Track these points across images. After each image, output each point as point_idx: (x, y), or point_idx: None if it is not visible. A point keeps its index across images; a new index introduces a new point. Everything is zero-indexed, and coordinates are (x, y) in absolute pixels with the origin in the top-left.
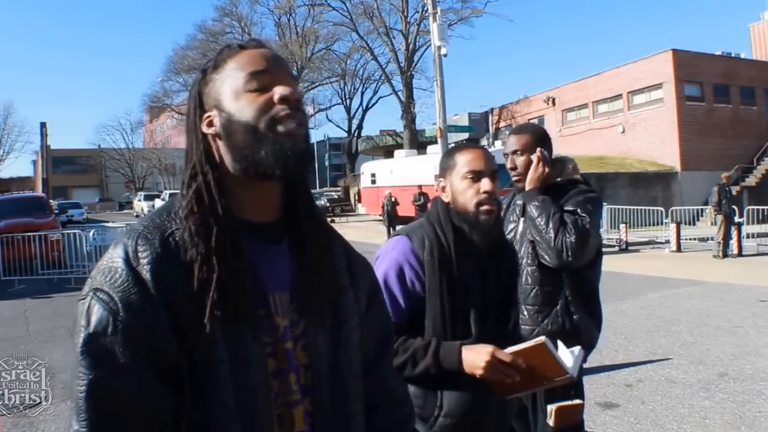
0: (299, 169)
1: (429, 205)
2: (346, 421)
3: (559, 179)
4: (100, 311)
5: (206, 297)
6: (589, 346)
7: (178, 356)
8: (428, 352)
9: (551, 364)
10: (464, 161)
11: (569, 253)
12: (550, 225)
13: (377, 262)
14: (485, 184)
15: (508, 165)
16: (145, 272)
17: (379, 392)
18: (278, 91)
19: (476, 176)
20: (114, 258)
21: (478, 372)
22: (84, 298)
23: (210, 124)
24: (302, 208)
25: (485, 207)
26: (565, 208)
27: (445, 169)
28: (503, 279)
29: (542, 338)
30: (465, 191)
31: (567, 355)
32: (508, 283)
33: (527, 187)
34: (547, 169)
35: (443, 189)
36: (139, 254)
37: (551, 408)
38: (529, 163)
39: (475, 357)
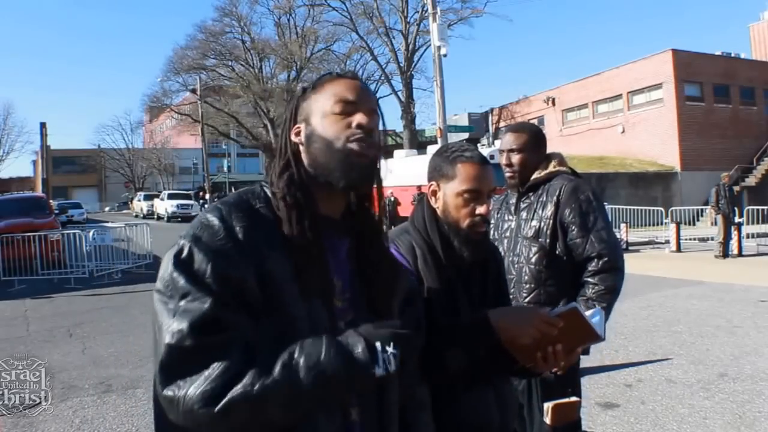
0: (362, 183)
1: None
2: (387, 407)
3: (542, 174)
4: (199, 255)
5: (299, 270)
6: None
7: (259, 310)
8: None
9: (584, 330)
10: (466, 176)
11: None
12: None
13: None
14: (483, 207)
15: (503, 161)
16: (239, 233)
17: (402, 392)
18: (357, 118)
19: (475, 196)
20: (209, 218)
21: (518, 331)
22: (180, 246)
23: (297, 134)
24: (365, 213)
25: (478, 229)
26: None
27: (441, 174)
28: (489, 292)
29: (574, 304)
30: (460, 208)
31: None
32: (493, 298)
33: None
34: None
35: (434, 194)
36: (233, 218)
37: (548, 405)
38: (524, 162)
39: (513, 319)
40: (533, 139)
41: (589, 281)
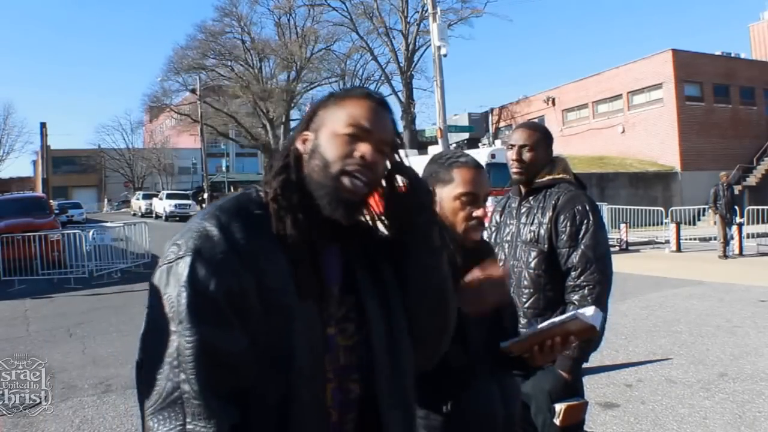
0: (344, 218)
1: None
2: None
3: (545, 179)
4: (203, 271)
5: (295, 272)
6: (592, 348)
7: (259, 323)
8: None
9: (583, 329)
10: (462, 180)
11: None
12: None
13: None
14: (479, 210)
15: (513, 156)
16: (239, 242)
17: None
18: (362, 149)
19: (471, 199)
20: (208, 228)
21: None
22: (180, 258)
23: (304, 142)
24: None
25: (473, 234)
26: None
27: (437, 180)
28: None
29: (573, 314)
30: (456, 212)
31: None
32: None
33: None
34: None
35: None
36: (233, 227)
37: (560, 407)
38: (535, 159)
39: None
40: (544, 138)
41: (575, 286)
